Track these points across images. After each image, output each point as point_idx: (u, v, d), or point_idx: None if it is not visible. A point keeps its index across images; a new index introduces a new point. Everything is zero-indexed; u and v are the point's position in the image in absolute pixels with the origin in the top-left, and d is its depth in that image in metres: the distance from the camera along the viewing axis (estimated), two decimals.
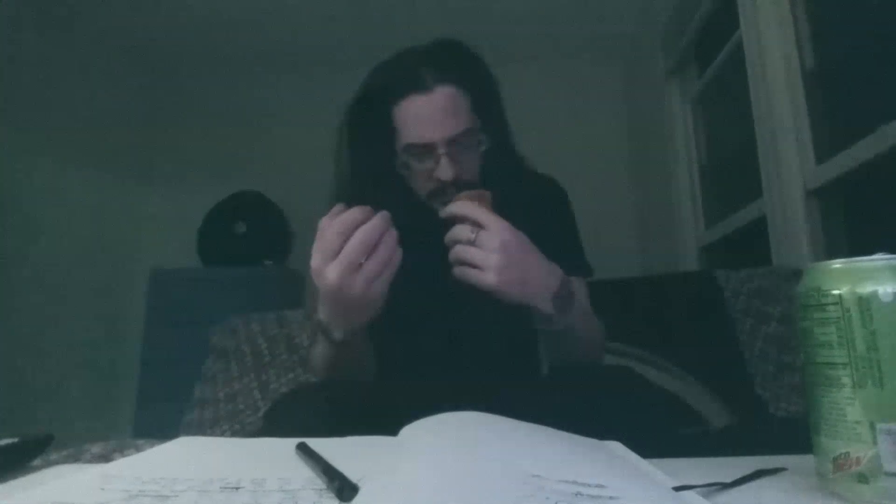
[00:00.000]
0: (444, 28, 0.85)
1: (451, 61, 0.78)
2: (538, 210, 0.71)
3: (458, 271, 0.65)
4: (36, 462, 0.52)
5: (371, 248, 0.58)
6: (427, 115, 0.74)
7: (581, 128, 2.87)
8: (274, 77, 3.08)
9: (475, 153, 0.77)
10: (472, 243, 0.63)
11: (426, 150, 0.74)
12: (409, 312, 0.72)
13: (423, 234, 0.66)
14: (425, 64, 0.76)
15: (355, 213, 0.59)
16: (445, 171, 0.73)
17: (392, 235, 0.60)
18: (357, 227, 0.58)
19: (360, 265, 0.58)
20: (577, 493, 0.30)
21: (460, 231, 0.64)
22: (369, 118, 0.79)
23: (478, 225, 0.64)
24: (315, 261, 0.60)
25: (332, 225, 0.59)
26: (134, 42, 2.76)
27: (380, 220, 0.59)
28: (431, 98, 0.74)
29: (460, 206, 0.66)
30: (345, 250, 0.58)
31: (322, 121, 0.97)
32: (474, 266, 0.63)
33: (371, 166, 0.80)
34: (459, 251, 0.64)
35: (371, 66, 0.83)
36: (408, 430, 0.43)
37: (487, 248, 0.63)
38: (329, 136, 0.85)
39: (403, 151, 0.76)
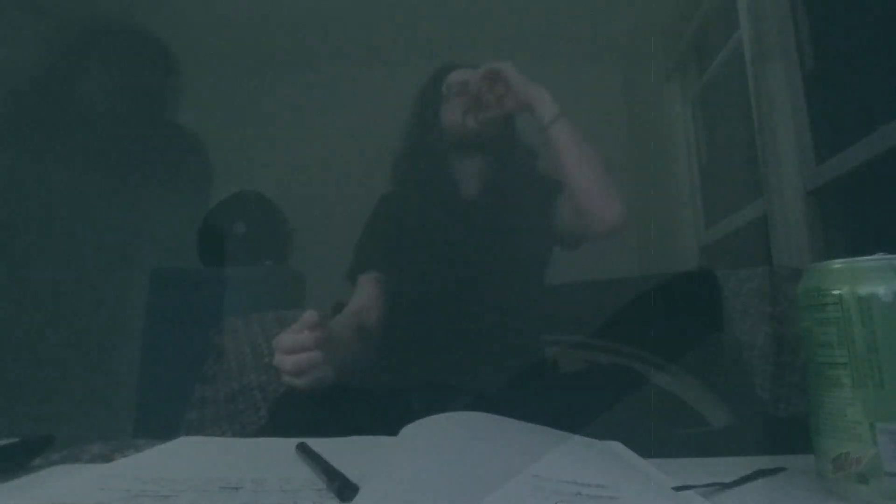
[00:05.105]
0: (444, 28, 0.85)
1: None
2: None
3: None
4: (36, 462, 0.52)
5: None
6: None
7: (581, 128, 2.86)
8: (274, 77, 3.07)
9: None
10: None
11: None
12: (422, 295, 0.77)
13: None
14: None
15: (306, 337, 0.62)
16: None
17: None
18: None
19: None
20: (577, 493, 0.30)
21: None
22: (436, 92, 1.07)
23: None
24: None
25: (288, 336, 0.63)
26: (134, 41, 2.76)
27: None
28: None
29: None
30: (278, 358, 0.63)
31: (322, 121, 0.97)
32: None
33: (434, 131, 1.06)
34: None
35: (371, 66, 0.85)
36: (408, 430, 0.43)
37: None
38: (329, 136, 0.86)
39: None
